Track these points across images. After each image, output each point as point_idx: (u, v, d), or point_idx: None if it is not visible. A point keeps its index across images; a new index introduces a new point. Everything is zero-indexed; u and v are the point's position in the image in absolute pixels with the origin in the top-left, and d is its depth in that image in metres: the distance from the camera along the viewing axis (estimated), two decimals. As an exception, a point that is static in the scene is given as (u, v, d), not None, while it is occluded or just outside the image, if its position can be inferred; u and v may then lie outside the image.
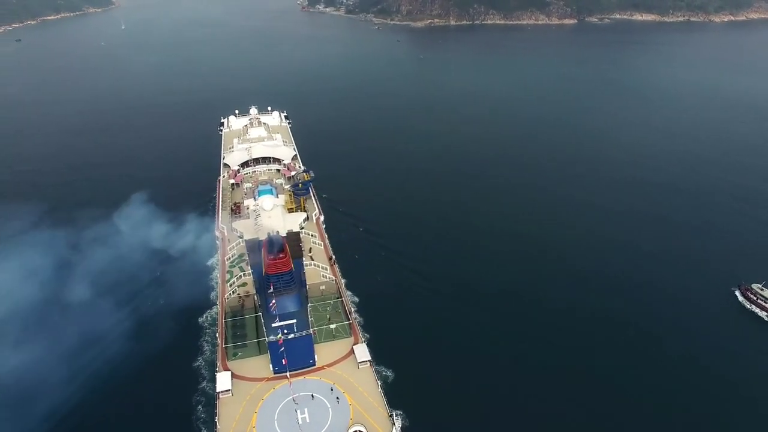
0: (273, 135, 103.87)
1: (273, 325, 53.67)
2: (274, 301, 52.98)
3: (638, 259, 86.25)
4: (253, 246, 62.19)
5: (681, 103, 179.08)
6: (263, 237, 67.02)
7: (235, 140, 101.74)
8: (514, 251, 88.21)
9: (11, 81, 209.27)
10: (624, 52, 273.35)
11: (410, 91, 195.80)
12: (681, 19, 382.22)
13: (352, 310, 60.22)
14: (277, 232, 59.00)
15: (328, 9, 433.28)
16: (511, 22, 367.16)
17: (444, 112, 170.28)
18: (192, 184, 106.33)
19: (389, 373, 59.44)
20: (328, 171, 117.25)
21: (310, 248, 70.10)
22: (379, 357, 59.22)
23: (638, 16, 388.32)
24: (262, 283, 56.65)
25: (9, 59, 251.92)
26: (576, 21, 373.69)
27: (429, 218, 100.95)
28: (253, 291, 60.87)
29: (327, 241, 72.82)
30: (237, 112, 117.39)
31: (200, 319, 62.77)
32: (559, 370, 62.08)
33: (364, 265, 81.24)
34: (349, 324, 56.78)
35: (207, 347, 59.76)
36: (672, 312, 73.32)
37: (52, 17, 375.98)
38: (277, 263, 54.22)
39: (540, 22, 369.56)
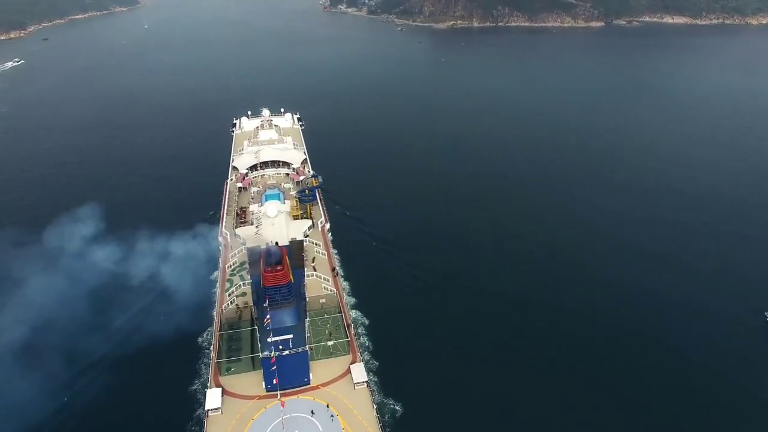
0: (284, 138, 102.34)
1: (268, 340, 51.50)
2: (268, 317, 50.84)
3: (667, 271, 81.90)
4: (254, 255, 60.12)
5: (716, 110, 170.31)
6: (270, 242, 65.44)
7: (246, 142, 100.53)
8: (546, 267, 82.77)
9: (34, 80, 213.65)
10: (654, 56, 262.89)
11: (430, 96, 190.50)
12: (715, 21, 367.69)
13: (352, 325, 57.51)
14: (276, 243, 56.61)
15: (349, 9, 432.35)
16: (536, 25, 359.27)
17: (464, 117, 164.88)
18: (202, 186, 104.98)
19: (392, 404, 55.12)
20: (340, 175, 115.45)
21: (314, 258, 67.87)
22: (379, 379, 56.76)
23: (669, 19, 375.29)
24: (260, 294, 54.69)
25: (36, 58, 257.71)
26: (603, 24, 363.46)
27: (448, 228, 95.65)
28: (252, 302, 58.84)
29: (331, 251, 70.57)
30: (249, 113, 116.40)
31: (200, 339, 59.50)
32: (586, 393, 58.45)
33: (373, 278, 77.32)
34: (348, 341, 54.17)
35: (204, 369, 56.99)
36: (700, 330, 69.42)
37: (80, 16, 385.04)
38: (275, 276, 52.13)
39: (566, 25, 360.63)
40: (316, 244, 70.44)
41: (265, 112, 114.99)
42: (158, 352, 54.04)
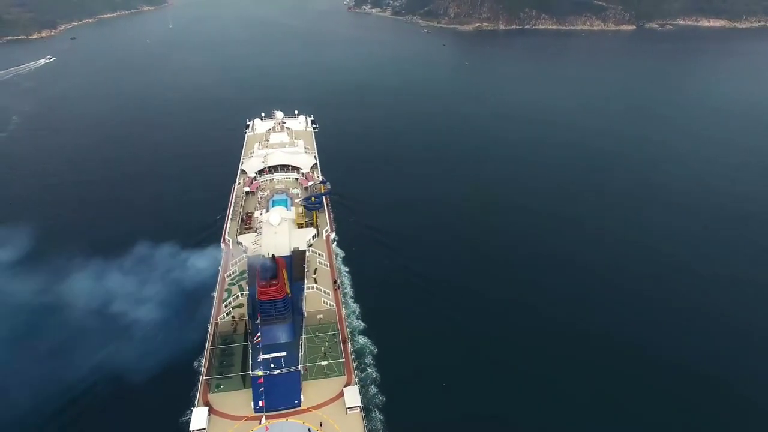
0: (295, 141, 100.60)
1: (260, 357, 49.50)
2: (258, 335, 48.68)
3: (703, 285, 77.60)
4: (255, 265, 58.37)
5: (760, 121, 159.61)
6: (267, 254, 63.41)
7: (256, 145, 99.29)
8: (577, 290, 77.18)
9: (57, 80, 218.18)
10: (691, 62, 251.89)
11: (452, 101, 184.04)
12: (756, 24, 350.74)
13: (350, 344, 54.69)
14: (272, 256, 54.33)
15: (374, 10, 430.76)
16: (564, 28, 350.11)
17: (487, 123, 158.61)
18: (212, 188, 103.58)
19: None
20: (353, 181, 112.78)
21: (315, 269, 65.46)
22: (377, 403, 53.64)
23: (705, 22, 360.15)
24: (256, 308, 52.64)
25: (63, 56, 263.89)
26: (634, 27, 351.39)
27: (469, 241, 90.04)
28: (247, 314, 56.74)
29: (334, 262, 67.98)
30: (263, 114, 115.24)
31: (195, 364, 54.40)
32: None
33: (381, 292, 72.96)
34: (344, 361, 51.45)
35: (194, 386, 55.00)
36: (734, 348, 65.27)
37: (108, 15, 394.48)
38: (269, 291, 49.97)
39: (595, 28, 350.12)
40: (319, 254, 68.00)
41: (279, 114, 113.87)
42: (150, 368, 52.02)
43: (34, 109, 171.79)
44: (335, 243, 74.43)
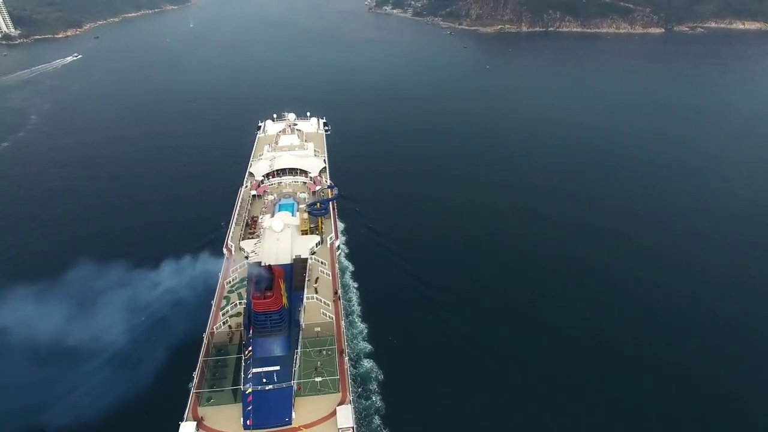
0: (305, 143, 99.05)
1: (253, 370, 47.85)
2: (249, 349, 47.01)
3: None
4: (254, 272, 56.76)
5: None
6: (268, 261, 61.82)
7: (266, 147, 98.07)
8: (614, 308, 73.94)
9: (76, 78, 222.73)
10: (723, 68, 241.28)
11: (470, 105, 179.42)
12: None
13: (347, 359, 52.53)
14: (268, 266, 52.56)
15: (395, 11, 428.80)
16: (589, 30, 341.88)
17: (507, 130, 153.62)
18: (221, 190, 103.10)
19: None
20: (364, 185, 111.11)
21: (317, 278, 63.54)
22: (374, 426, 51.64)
23: (739, 25, 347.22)
24: (251, 318, 51.02)
25: (85, 55, 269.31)
26: (663, 30, 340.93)
27: (486, 253, 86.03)
28: (243, 324, 55.14)
29: (337, 271, 65.87)
30: (275, 116, 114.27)
31: (190, 384, 49.67)
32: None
33: (388, 305, 70.94)
34: (339, 378, 49.34)
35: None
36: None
37: (133, 15, 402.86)
38: (264, 302, 48.23)
39: (621, 31, 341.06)
40: (321, 262, 66.11)
41: (291, 115, 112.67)
42: (142, 379, 50.82)
43: (53, 108, 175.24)
44: (339, 251, 72.35)
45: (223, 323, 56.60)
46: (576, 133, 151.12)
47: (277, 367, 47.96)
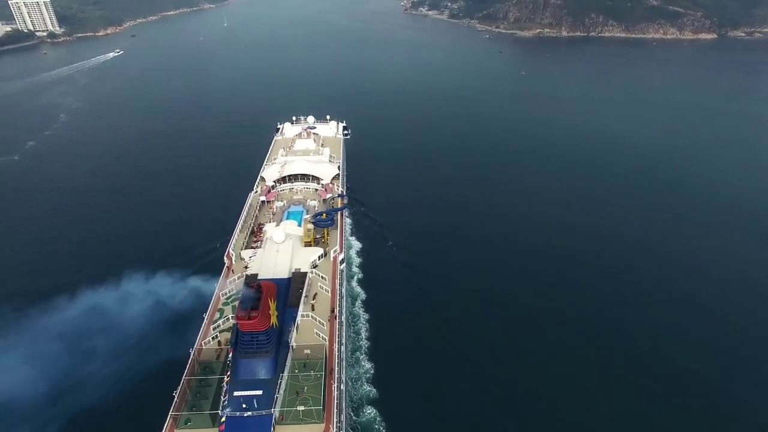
0: (321, 149, 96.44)
1: (235, 393, 45.10)
2: (228, 373, 44.22)
3: None
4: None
5: None
6: (265, 275, 59.23)
7: (281, 151, 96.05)
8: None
9: (110, 76, 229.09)
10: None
11: (501, 115, 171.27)
12: None
13: (335, 387, 48.94)
14: (258, 284, 49.61)
15: (431, 12, 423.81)
16: (633, 36, 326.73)
17: (539, 143, 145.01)
18: (234, 197, 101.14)
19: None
20: (381, 194, 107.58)
21: (315, 294, 60.21)
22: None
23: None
24: (238, 336, 48.39)
25: (121, 54, 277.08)
26: (715, 36, 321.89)
27: (507, 280, 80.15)
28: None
29: (337, 287, 62.37)
30: (294, 118, 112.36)
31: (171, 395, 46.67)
32: None
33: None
34: (324, 408, 45.86)
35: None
36: None
37: (172, 13, 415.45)
38: (247, 324, 45.40)
39: (668, 37, 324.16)
40: (322, 277, 62.80)
41: (310, 118, 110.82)
42: (122, 398, 48.74)
43: (82, 107, 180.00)
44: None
45: (213, 338, 54.09)
46: (615, 146, 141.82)
47: (260, 392, 45.02)
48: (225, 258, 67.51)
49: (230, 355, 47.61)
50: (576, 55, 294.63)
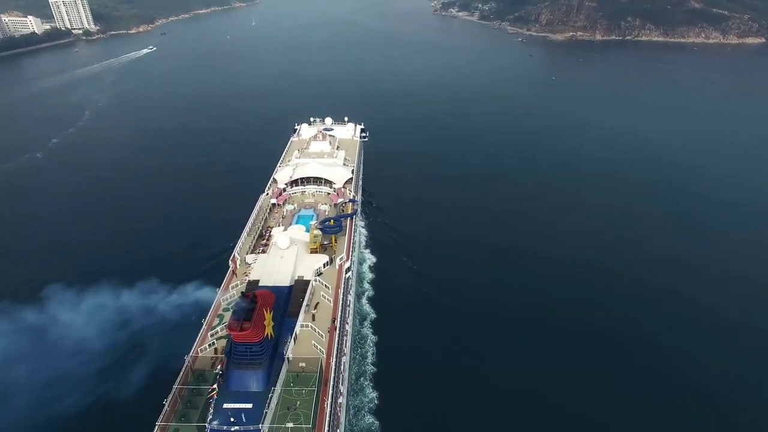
0: (336, 151, 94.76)
1: (224, 405, 43.62)
2: (214, 386, 42.74)
3: None
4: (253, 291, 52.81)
5: None
6: (266, 282, 57.77)
7: (296, 152, 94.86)
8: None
9: (137, 74, 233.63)
10: None
11: (526, 123, 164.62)
12: None
13: (327, 405, 46.73)
14: (253, 294, 47.97)
15: (461, 13, 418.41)
16: (673, 40, 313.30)
17: (567, 153, 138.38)
18: (249, 199, 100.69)
19: None
20: (397, 199, 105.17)
21: (317, 304, 58.35)
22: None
23: None
24: (231, 346, 46.97)
25: (148, 53, 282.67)
26: (763, 40, 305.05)
27: (533, 304, 75.28)
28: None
29: (340, 298, 60.30)
30: (312, 119, 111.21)
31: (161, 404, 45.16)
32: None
33: (404, 342, 63.40)
34: (314, 427, 43.79)
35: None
36: None
37: (203, 11, 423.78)
38: (240, 335, 43.84)
39: (711, 41, 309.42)
40: (325, 286, 60.89)
41: (328, 119, 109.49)
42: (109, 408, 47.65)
43: (107, 104, 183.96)
44: (349, 274, 66.77)
45: (210, 345, 52.91)
46: (646, 157, 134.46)
47: (250, 405, 43.47)
48: (230, 262, 66.47)
49: (220, 366, 46.22)
50: (610, 59, 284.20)
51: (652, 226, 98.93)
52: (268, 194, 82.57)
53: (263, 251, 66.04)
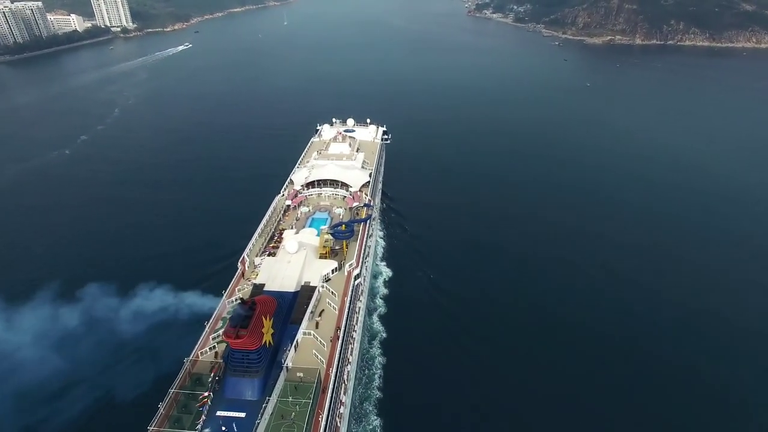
0: (355, 154, 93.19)
1: (217, 413, 42.60)
2: (205, 394, 41.61)
3: None
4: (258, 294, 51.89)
5: None
6: (271, 287, 56.58)
7: (315, 153, 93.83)
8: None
9: (169, 71, 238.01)
10: None
11: (557, 132, 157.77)
12: None
13: (322, 418, 44.83)
14: (252, 300, 46.69)
15: (495, 15, 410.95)
16: (719, 45, 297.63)
17: (600, 167, 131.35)
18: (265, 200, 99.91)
19: None
20: (425, 211, 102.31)
21: (322, 311, 56.64)
22: None
23: None
24: (229, 352, 45.90)
25: (184, 49, 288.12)
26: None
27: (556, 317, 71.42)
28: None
29: (347, 304, 58.46)
30: (334, 120, 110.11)
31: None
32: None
33: (416, 359, 60.92)
34: (309, 442, 42.04)
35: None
36: None
37: (238, 9, 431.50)
38: (236, 342, 42.65)
39: (762, 46, 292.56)
40: (332, 293, 59.15)
41: (349, 121, 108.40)
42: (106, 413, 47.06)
43: (137, 101, 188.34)
44: (358, 281, 64.81)
45: (211, 348, 51.97)
46: (687, 174, 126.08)
47: (243, 414, 42.42)
48: (239, 264, 65.69)
49: (215, 372, 45.18)
50: (650, 65, 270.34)
51: (699, 244, 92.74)
52: (283, 195, 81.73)
53: (272, 254, 64.97)
